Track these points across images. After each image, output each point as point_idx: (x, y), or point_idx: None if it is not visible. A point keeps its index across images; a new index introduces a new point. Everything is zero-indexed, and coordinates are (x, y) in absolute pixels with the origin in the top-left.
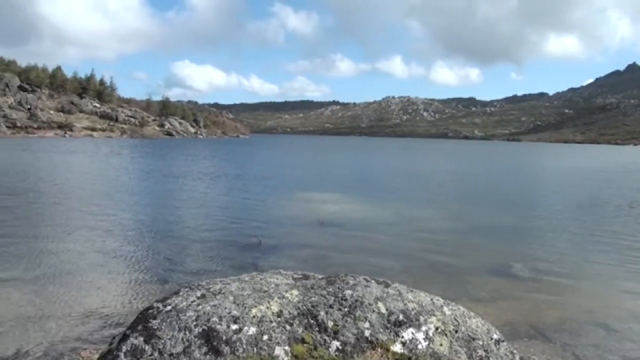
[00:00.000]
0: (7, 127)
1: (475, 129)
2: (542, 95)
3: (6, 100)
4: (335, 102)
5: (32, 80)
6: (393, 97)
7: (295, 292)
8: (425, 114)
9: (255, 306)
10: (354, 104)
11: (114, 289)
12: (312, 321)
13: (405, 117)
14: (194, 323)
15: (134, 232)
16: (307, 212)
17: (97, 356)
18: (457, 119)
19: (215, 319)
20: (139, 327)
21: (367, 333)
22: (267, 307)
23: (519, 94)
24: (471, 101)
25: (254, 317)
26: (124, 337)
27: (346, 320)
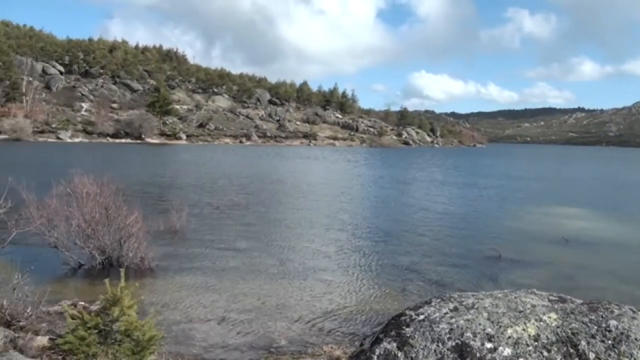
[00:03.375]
0: (258, 136)
1: None
2: None
3: (257, 112)
4: (580, 109)
5: (280, 94)
6: None
7: (553, 315)
8: None
9: (511, 326)
10: (601, 110)
11: (352, 290)
12: (571, 350)
13: None
14: (447, 336)
15: (369, 236)
16: (549, 226)
17: (338, 352)
18: None
19: (469, 334)
20: (392, 333)
21: None
22: (524, 329)
23: None
24: None
25: (509, 337)
26: (377, 341)
27: (609, 354)
